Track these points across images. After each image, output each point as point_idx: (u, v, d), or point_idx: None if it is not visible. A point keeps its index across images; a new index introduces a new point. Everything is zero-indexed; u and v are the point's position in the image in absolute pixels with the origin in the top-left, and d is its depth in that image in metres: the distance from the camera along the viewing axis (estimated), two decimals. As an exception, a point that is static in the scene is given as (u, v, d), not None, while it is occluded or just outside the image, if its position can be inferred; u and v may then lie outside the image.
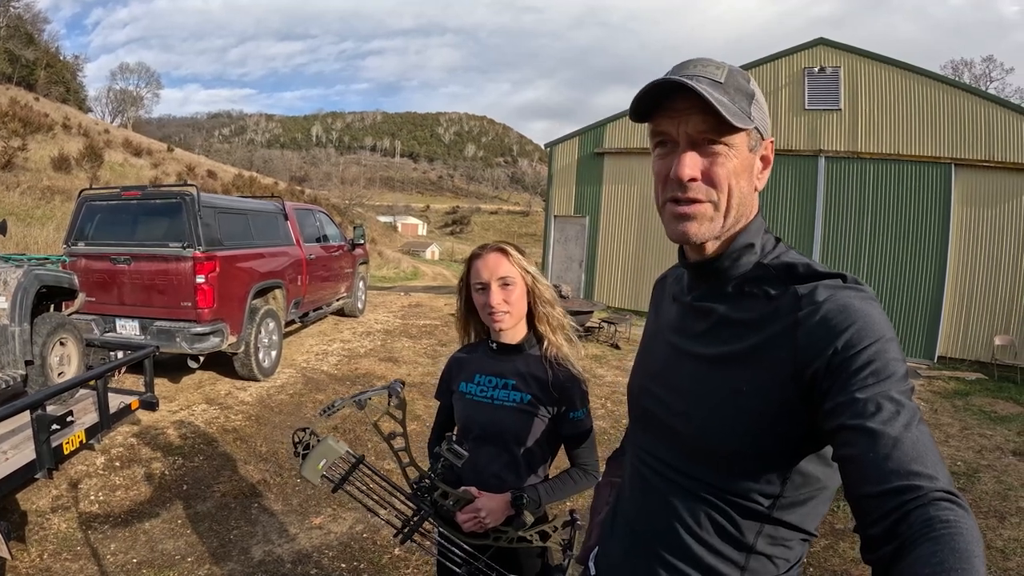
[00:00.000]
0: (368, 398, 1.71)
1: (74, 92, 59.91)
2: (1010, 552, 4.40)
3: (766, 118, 1.10)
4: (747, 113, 1.04)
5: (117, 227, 6.98)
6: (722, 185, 1.05)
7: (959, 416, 8.20)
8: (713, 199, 1.06)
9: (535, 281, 1.95)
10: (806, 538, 1.08)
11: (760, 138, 1.09)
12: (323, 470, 1.66)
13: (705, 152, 1.05)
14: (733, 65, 1.08)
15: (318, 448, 1.66)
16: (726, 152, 1.04)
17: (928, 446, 0.83)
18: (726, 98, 1.02)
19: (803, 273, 1.03)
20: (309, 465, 1.65)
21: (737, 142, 1.04)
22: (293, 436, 1.72)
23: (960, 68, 54.54)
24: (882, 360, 0.89)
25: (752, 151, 1.08)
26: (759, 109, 1.08)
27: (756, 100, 1.07)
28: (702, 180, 1.05)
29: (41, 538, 3.87)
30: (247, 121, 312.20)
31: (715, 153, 1.04)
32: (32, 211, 18.02)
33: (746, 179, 1.08)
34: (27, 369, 4.58)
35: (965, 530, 0.73)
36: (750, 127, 1.04)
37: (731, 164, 1.05)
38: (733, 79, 1.06)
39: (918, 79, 13.24)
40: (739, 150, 1.05)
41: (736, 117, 1.01)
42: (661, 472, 1.17)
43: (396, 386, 1.72)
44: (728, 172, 1.05)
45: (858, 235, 13.77)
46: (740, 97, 1.05)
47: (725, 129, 1.02)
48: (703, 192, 1.06)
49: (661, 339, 1.28)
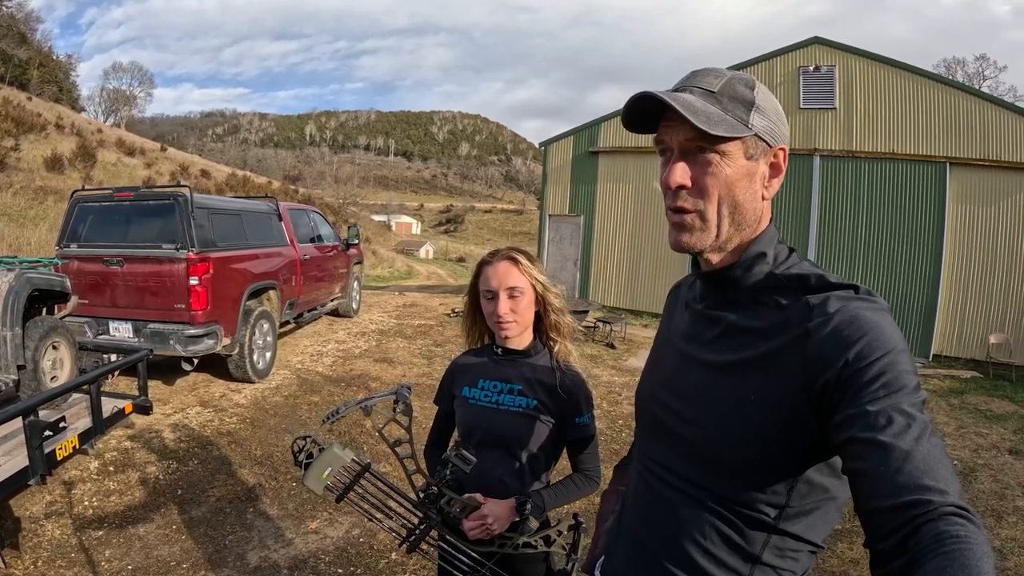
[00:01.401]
0: (374, 404, 1.69)
1: (67, 92, 59.71)
2: (1007, 552, 4.41)
3: (775, 126, 1.08)
4: (742, 121, 1.04)
5: (110, 228, 6.93)
6: (710, 194, 1.06)
7: (955, 415, 8.22)
8: (700, 208, 1.07)
9: (545, 290, 1.95)
10: (813, 550, 1.07)
11: (766, 146, 1.07)
12: (327, 479, 1.64)
13: (695, 160, 1.06)
14: (741, 74, 1.08)
15: (323, 456, 1.64)
16: (717, 161, 1.04)
17: (939, 460, 0.82)
18: (717, 107, 1.03)
19: (815, 284, 1.03)
20: (312, 475, 1.63)
21: (731, 150, 1.04)
22: (293, 445, 1.70)
23: (953, 67, 54.84)
24: (893, 372, 0.88)
25: (752, 159, 1.06)
26: (763, 117, 1.06)
27: (758, 107, 1.06)
28: (692, 188, 1.06)
29: (35, 545, 3.83)
30: (241, 120, 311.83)
31: (706, 162, 1.05)
32: (25, 212, 17.96)
33: (744, 188, 1.07)
34: (19, 374, 4.54)
35: (975, 546, 0.72)
36: (743, 135, 1.03)
37: (724, 173, 1.04)
38: (730, 88, 1.05)
39: (913, 78, 13.26)
40: (733, 158, 1.04)
41: (715, 125, 1.01)
42: (667, 480, 1.16)
43: (403, 391, 1.70)
44: (719, 181, 1.05)
45: (853, 234, 13.79)
46: (735, 105, 1.04)
47: (714, 138, 1.01)
48: (690, 201, 1.07)
49: (671, 346, 1.28)
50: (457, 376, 2.06)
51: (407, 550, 1.71)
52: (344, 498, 1.67)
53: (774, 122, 1.08)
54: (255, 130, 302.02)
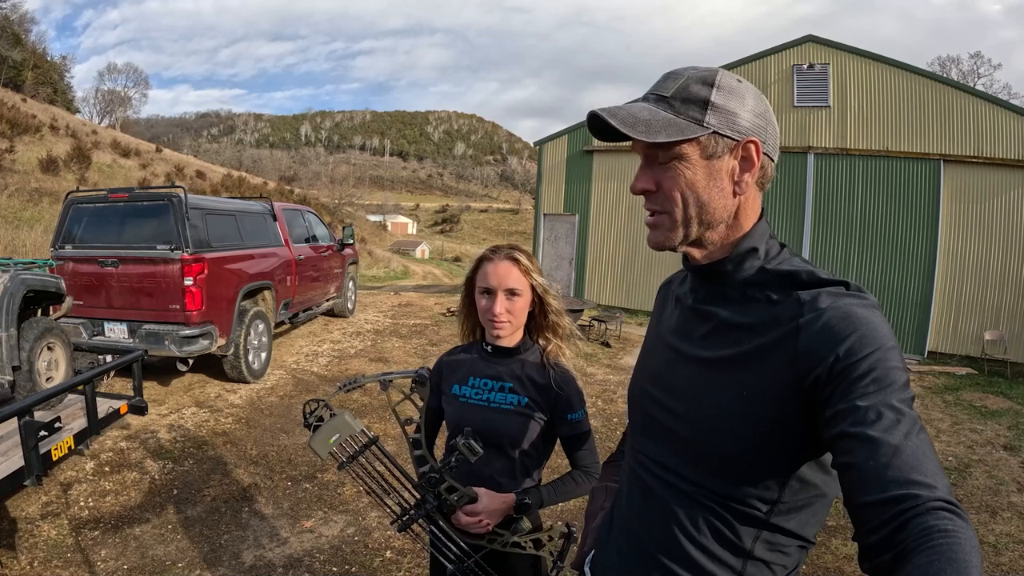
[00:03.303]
0: (392, 380, 1.69)
1: (62, 93, 59.47)
2: (1002, 547, 4.43)
3: (742, 120, 1.06)
4: (696, 121, 1.04)
5: (105, 230, 6.92)
6: (673, 197, 1.08)
7: (950, 411, 8.25)
8: (668, 210, 1.10)
9: (545, 292, 1.94)
10: (804, 545, 1.08)
11: (731, 141, 1.06)
12: (333, 445, 1.65)
13: (655, 166, 1.09)
14: (701, 73, 1.07)
15: (332, 422, 1.65)
16: (676, 164, 1.06)
17: (928, 455, 0.82)
18: (668, 112, 1.05)
19: (806, 279, 1.03)
20: (320, 438, 1.64)
21: (686, 152, 1.05)
22: (305, 406, 1.71)
23: (948, 64, 54.81)
24: (883, 368, 0.89)
25: (713, 157, 1.06)
26: (721, 113, 1.04)
27: (714, 105, 1.04)
28: (657, 192, 1.10)
29: (31, 545, 3.84)
30: (236, 121, 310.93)
31: (665, 166, 1.08)
32: (20, 213, 17.90)
33: (709, 187, 1.07)
34: (14, 375, 4.53)
35: (963, 540, 0.72)
36: (693, 135, 1.03)
37: (684, 175, 1.06)
38: (684, 90, 1.05)
39: (906, 75, 13.30)
40: (690, 160, 1.05)
41: (656, 133, 1.03)
42: (659, 476, 1.17)
43: (423, 372, 1.71)
44: (681, 184, 1.07)
45: (847, 231, 13.83)
46: (687, 107, 1.04)
47: (665, 144, 1.05)
48: (659, 203, 1.11)
49: (662, 342, 1.28)
50: (446, 373, 2.04)
51: (398, 529, 1.71)
52: (346, 467, 1.67)
53: (741, 116, 1.06)
54: (250, 131, 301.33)
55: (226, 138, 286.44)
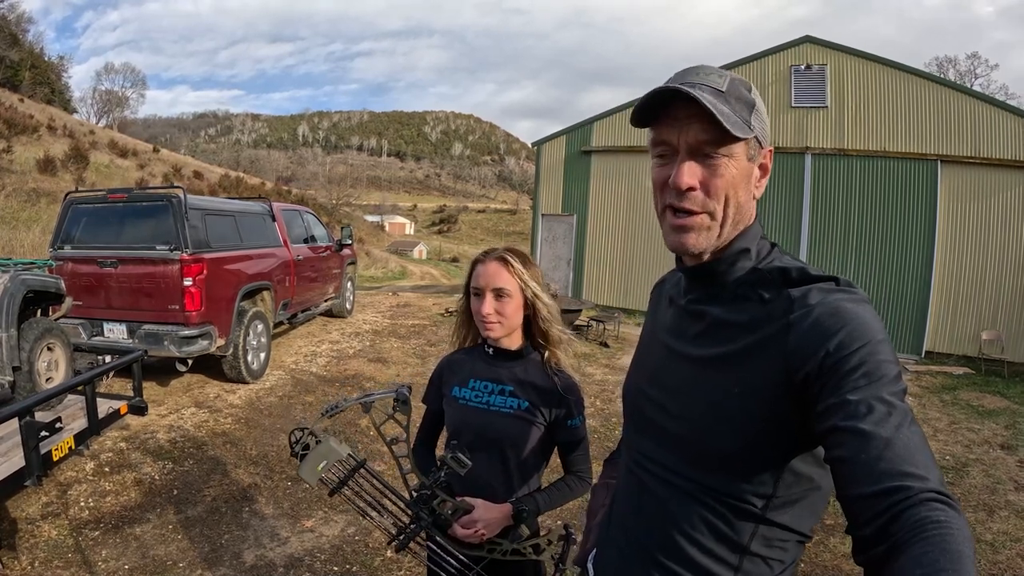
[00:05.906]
0: (374, 401, 1.69)
1: (59, 93, 59.24)
2: (999, 545, 4.44)
3: (765, 127, 1.10)
4: (747, 123, 1.04)
5: (103, 230, 6.91)
6: (720, 196, 1.06)
7: (947, 411, 8.27)
8: (710, 209, 1.07)
9: (535, 297, 1.90)
10: (800, 540, 1.09)
11: (759, 147, 1.09)
12: (322, 472, 1.64)
13: (704, 161, 1.05)
14: (736, 75, 1.08)
15: (318, 449, 1.64)
16: (725, 162, 1.04)
17: (920, 447, 0.83)
18: (727, 107, 1.02)
19: (796, 277, 1.04)
20: (308, 466, 1.63)
21: (737, 152, 1.05)
22: (290, 436, 1.69)
23: (945, 65, 54.78)
24: (873, 362, 0.90)
25: (751, 160, 1.08)
26: (759, 119, 1.08)
27: (757, 110, 1.07)
28: (700, 190, 1.06)
29: (31, 546, 3.84)
30: (233, 121, 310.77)
31: (715, 163, 1.04)
32: (17, 214, 17.86)
33: (744, 189, 1.08)
34: (14, 375, 4.53)
35: (956, 530, 0.73)
36: (750, 136, 1.04)
37: (730, 174, 1.05)
38: (735, 88, 1.06)
39: (904, 76, 13.32)
40: (738, 160, 1.05)
41: (736, 127, 1.01)
42: (655, 473, 1.18)
43: (403, 391, 1.70)
44: (727, 182, 1.05)
45: (845, 232, 13.85)
46: (741, 106, 1.05)
47: (725, 139, 1.02)
48: (699, 203, 1.07)
49: (657, 341, 1.29)
50: (447, 375, 2.03)
51: (396, 548, 1.70)
52: (337, 492, 1.67)
53: (765, 124, 1.10)
54: (248, 131, 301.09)
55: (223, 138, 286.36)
